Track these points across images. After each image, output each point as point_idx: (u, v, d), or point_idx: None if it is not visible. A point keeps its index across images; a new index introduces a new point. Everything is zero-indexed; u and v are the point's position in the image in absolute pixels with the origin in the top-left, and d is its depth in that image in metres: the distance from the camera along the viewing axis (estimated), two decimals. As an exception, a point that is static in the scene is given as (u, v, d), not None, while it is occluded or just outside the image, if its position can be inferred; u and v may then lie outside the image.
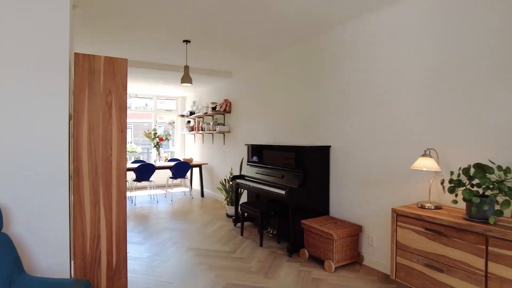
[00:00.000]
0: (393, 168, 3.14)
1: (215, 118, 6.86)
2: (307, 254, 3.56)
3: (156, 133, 7.19)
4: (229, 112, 6.38)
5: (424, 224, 2.36)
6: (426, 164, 2.52)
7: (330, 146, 3.88)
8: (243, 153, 5.88)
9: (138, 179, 6.49)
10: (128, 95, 6.43)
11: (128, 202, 6.67)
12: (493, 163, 2.11)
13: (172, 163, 7.01)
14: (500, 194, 2.05)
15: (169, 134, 7.69)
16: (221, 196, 6.75)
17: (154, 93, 8.45)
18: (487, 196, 2.10)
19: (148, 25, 3.69)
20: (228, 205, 5.44)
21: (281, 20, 3.54)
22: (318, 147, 3.83)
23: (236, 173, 6.03)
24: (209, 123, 6.88)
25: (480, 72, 2.46)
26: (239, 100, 6.08)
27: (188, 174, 8.24)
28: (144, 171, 6.45)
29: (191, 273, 3.19)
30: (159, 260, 3.50)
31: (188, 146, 8.83)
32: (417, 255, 2.42)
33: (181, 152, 9.16)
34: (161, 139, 7.23)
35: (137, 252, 3.74)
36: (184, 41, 4.21)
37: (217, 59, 5.21)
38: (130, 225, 4.90)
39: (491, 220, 2.03)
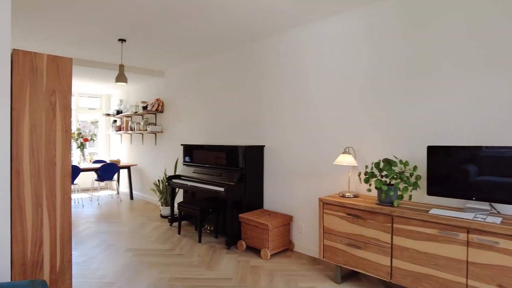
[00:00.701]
0: (319, 164, 3.61)
1: (146, 118, 6.75)
2: (245, 245, 3.85)
3: (80, 133, 6.77)
4: (162, 112, 6.35)
5: (345, 210, 2.83)
6: (345, 160, 3.01)
7: (264, 146, 4.24)
8: (178, 153, 5.93)
9: (60, 182, 6.04)
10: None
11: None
12: (396, 158, 2.66)
13: (99, 165, 6.68)
14: (401, 182, 2.60)
15: (95, 134, 7.30)
16: (153, 198, 6.68)
17: (76, 90, 7.89)
18: (392, 185, 2.64)
19: (83, 22, 3.57)
20: (162, 205, 5.45)
21: (218, 27, 3.77)
22: (253, 146, 4.15)
23: (170, 173, 6.05)
24: (140, 123, 6.73)
25: (385, 85, 3.04)
26: (173, 99, 6.11)
27: (115, 176, 7.90)
28: (67, 173, 6.03)
29: (134, 271, 3.22)
30: (98, 263, 3.44)
31: (114, 147, 8.45)
32: (340, 236, 2.88)
33: (106, 153, 8.71)
34: (85, 140, 6.83)
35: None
36: (119, 39, 4.15)
37: (150, 58, 5.19)
38: (56, 231, 4.61)
39: (395, 203, 2.57)
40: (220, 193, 3.94)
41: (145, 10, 3.28)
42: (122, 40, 4.19)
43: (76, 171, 6.11)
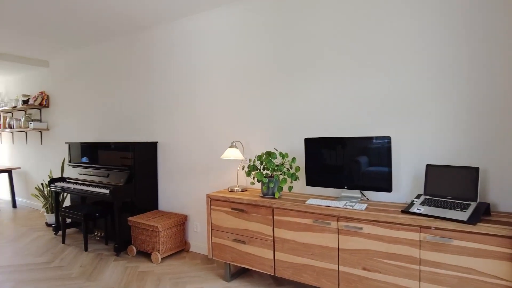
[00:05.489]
0: (211, 159, 3.48)
1: (29, 113, 5.87)
2: (135, 250, 3.55)
3: None
4: (47, 106, 5.58)
5: (230, 204, 2.75)
6: (232, 153, 2.93)
7: (157, 142, 3.96)
8: (65, 152, 5.28)
9: None
10: None
11: None
12: (276, 150, 2.66)
13: (-33, 169, 5.60)
14: (281, 174, 2.61)
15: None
16: (39, 204, 5.87)
17: None
18: (273, 177, 2.63)
19: None
20: (48, 212, 4.79)
21: (99, 13, 3.38)
22: (145, 143, 3.84)
23: (57, 175, 5.36)
24: (20, 119, 5.83)
25: (265, 80, 3.03)
26: (60, 92, 5.40)
27: (-6, 181, 6.77)
28: None
29: (-12, 295, 2.71)
30: None
31: (-6, 148, 7.22)
32: (227, 232, 2.79)
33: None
34: None
35: None
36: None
37: (28, 44, 4.48)
38: None
39: (276, 195, 2.56)
40: (106, 196, 3.56)
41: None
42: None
43: None
